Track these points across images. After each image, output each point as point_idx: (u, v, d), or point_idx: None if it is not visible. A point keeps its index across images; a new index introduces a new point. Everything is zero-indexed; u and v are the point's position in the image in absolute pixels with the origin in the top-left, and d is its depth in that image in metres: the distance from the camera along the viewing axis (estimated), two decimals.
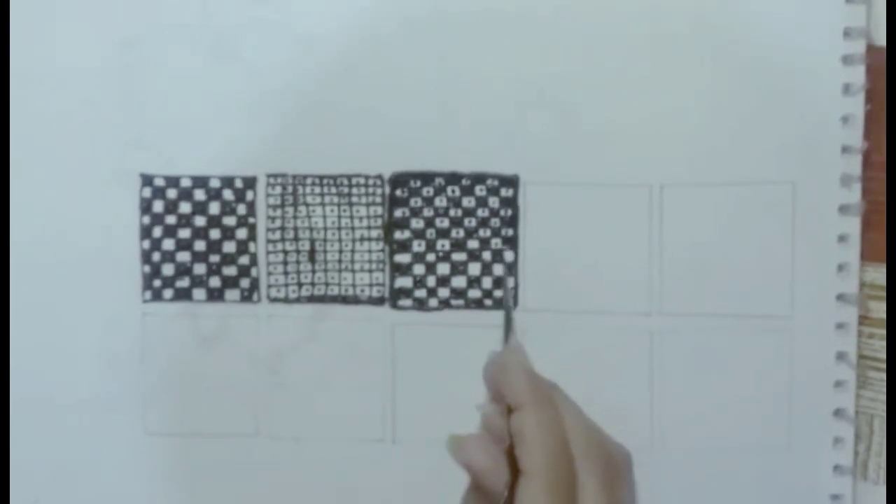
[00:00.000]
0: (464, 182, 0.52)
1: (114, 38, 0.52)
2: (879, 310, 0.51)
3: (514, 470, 0.35)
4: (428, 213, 0.52)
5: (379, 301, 0.53)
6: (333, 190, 0.52)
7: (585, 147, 0.51)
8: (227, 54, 0.52)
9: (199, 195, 0.53)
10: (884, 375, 0.51)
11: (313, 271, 0.53)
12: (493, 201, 0.52)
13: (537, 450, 0.35)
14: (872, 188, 0.50)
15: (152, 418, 0.54)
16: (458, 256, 0.52)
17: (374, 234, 0.53)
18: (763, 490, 0.52)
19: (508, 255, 0.52)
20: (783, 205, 0.50)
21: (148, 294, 0.53)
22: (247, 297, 0.53)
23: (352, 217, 0.52)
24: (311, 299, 0.53)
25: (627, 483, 0.38)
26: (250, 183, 0.53)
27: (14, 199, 0.53)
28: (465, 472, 0.36)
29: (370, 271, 0.53)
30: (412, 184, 0.52)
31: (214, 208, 0.53)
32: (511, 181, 0.52)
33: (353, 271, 0.53)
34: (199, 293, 0.53)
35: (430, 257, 0.52)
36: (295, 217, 0.53)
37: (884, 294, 0.50)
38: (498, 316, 0.52)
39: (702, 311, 0.52)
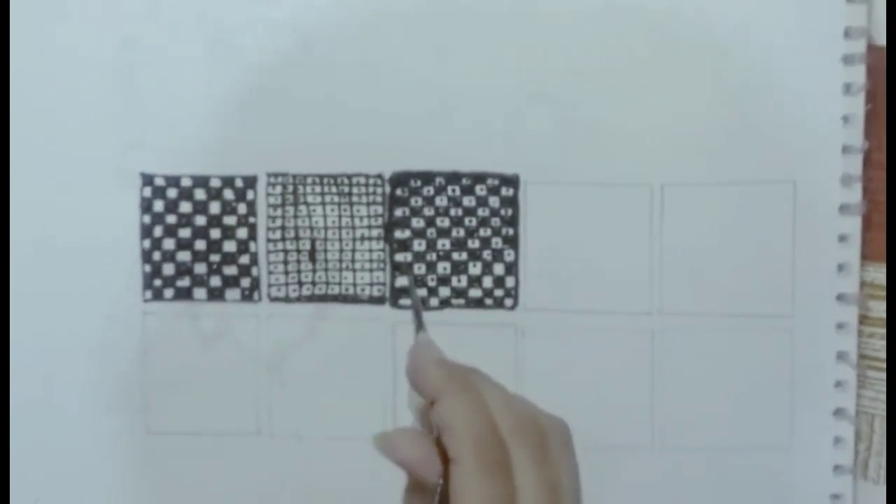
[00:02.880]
0: (464, 181, 0.52)
1: (114, 37, 0.52)
2: (879, 309, 0.51)
3: (445, 459, 0.35)
4: (428, 212, 0.52)
5: (379, 300, 0.53)
6: (334, 189, 0.52)
7: (586, 146, 0.51)
8: (227, 53, 0.52)
9: (200, 194, 0.53)
10: (884, 375, 0.51)
11: (314, 270, 0.53)
12: (494, 201, 0.52)
13: (461, 435, 0.35)
14: (873, 188, 0.50)
15: (154, 418, 0.54)
16: (459, 256, 0.52)
17: (375, 233, 0.53)
18: (763, 489, 0.52)
19: (404, 257, 0.52)
20: (783, 205, 0.50)
21: (148, 293, 0.53)
22: (247, 296, 0.53)
23: (352, 216, 0.52)
24: (312, 298, 0.53)
25: (565, 454, 0.37)
26: (251, 182, 0.53)
27: (14, 199, 0.53)
28: (399, 467, 0.36)
29: (371, 270, 0.53)
30: (413, 183, 0.52)
31: (215, 208, 0.53)
32: (511, 181, 0.52)
33: (354, 270, 0.53)
34: (199, 293, 0.53)
35: (431, 256, 0.52)
36: (295, 216, 0.53)
37: (884, 294, 0.50)
38: (497, 315, 0.52)
39: (702, 310, 0.52)
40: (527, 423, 0.36)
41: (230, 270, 0.53)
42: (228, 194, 0.53)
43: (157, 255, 0.53)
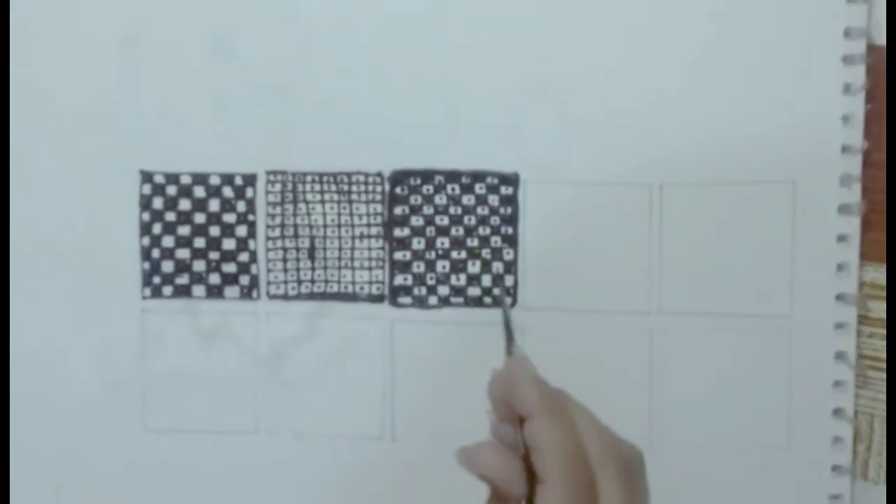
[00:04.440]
0: (464, 180, 0.52)
1: (114, 34, 0.52)
2: (879, 310, 0.51)
3: (531, 478, 0.35)
4: (428, 210, 0.52)
5: (378, 298, 0.53)
6: (333, 187, 0.52)
7: (585, 145, 0.51)
8: (228, 51, 0.52)
9: (199, 192, 0.53)
10: (884, 375, 0.51)
11: (313, 268, 0.53)
12: (493, 199, 0.52)
13: (553, 457, 0.35)
14: (872, 188, 0.50)
15: (152, 415, 0.54)
16: (458, 254, 0.52)
17: (374, 231, 0.53)
18: (762, 489, 0.52)
19: (507, 254, 0.52)
20: (782, 205, 0.50)
21: (147, 291, 0.53)
22: (246, 294, 0.53)
23: (351, 214, 0.53)
24: (311, 296, 0.53)
25: (643, 482, 0.38)
26: (250, 180, 0.53)
27: (14, 197, 0.53)
28: (483, 482, 0.36)
29: (370, 269, 0.53)
30: (412, 181, 0.52)
31: (214, 205, 0.53)
32: (511, 179, 0.52)
33: (353, 269, 0.53)
34: (198, 290, 0.53)
35: (430, 255, 0.52)
36: (295, 214, 0.53)
37: (884, 294, 0.50)
38: (496, 314, 0.52)
39: (701, 310, 0.52)
40: (611, 449, 0.36)
41: (229, 268, 0.53)
42: (228, 192, 0.53)
43: (156, 253, 0.53)
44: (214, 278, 0.53)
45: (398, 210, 0.52)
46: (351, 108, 0.52)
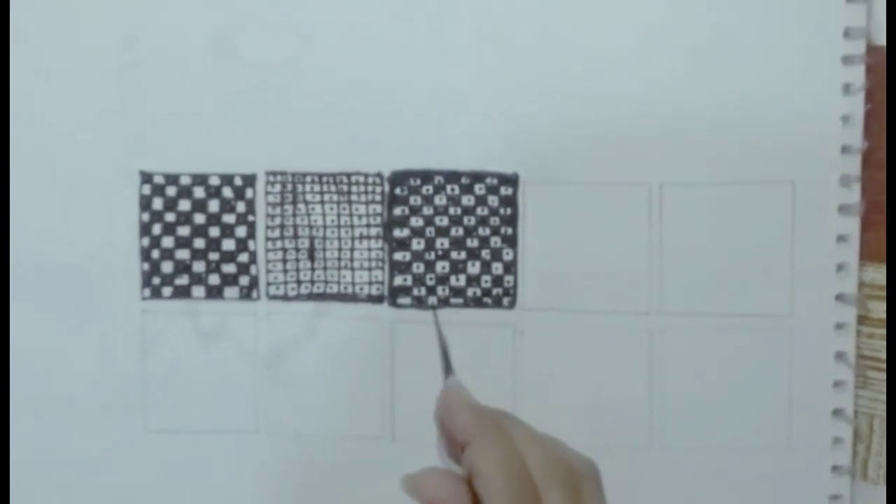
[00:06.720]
0: (463, 180, 0.52)
1: (114, 35, 0.52)
2: (879, 310, 0.51)
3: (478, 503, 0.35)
4: (427, 211, 0.52)
5: (378, 299, 0.53)
6: (333, 188, 0.52)
7: (585, 145, 0.51)
8: (227, 52, 0.52)
9: (199, 192, 0.53)
10: (884, 375, 0.51)
11: (312, 269, 0.53)
12: (493, 200, 0.52)
13: (492, 482, 0.35)
14: (872, 188, 0.50)
15: (152, 415, 0.54)
16: (458, 255, 0.52)
17: (374, 231, 0.53)
18: (762, 490, 0.52)
19: (432, 300, 0.52)
20: (782, 205, 0.50)
21: (147, 291, 0.53)
22: (246, 294, 0.53)
23: (351, 215, 0.53)
24: (311, 297, 0.53)
25: (595, 495, 0.37)
26: (250, 180, 0.53)
27: (14, 197, 0.53)
28: None
29: (369, 269, 0.53)
30: (412, 182, 0.52)
31: (214, 206, 0.53)
32: (510, 179, 0.52)
33: (353, 269, 0.53)
34: (198, 291, 0.53)
35: (430, 255, 0.52)
36: (294, 215, 0.53)
37: (883, 294, 0.50)
38: (496, 314, 0.52)
39: (701, 310, 0.52)
40: (558, 465, 0.36)
41: (229, 268, 0.53)
42: (227, 192, 0.53)
43: (155, 253, 0.53)
44: (214, 279, 0.53)
45: (398, 211, 0.52)
46: (351, 108, 0.52)
